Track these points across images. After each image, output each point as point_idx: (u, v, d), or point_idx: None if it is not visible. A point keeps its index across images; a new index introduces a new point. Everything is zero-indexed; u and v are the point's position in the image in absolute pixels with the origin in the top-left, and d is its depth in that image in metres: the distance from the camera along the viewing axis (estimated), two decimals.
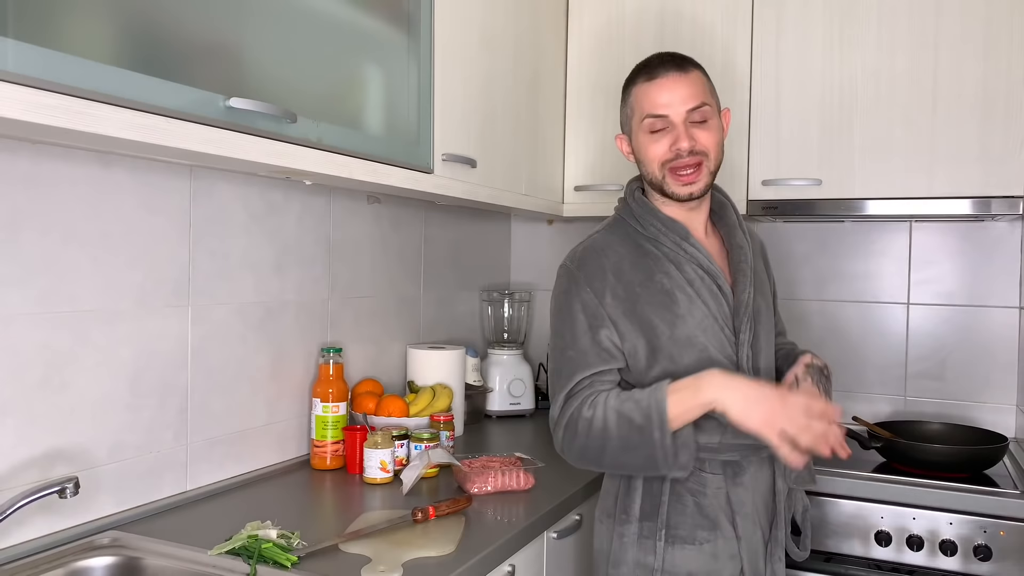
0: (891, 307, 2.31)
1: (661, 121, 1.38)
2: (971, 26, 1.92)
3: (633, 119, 1.43)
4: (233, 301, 1.63)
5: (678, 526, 1.37)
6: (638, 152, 1.44)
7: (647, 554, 1.37)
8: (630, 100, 1.44)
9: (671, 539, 1.37)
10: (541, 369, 2.68)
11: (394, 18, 1.55)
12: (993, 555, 1.63)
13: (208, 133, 1.14)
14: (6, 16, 0.88)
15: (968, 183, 1.92)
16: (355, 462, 1.72)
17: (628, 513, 1.40)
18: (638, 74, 1.43)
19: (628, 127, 1.46)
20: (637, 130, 1.42)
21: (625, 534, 1.40)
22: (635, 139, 1.44)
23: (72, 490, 1.16)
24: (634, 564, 1.38)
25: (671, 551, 1.36)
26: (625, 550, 1.39)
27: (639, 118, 1.41)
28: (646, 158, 1.42)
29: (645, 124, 1.40)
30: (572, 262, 1.43)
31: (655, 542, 1.37)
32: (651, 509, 1.38)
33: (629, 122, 1.45)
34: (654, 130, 1.39)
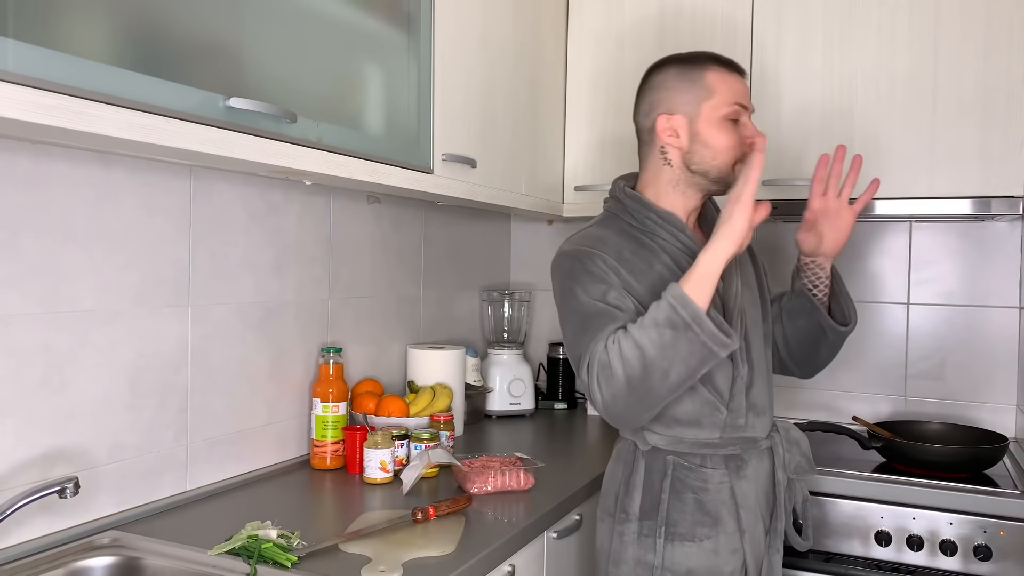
0: (891, 307, 2.31)
1: (744, 114, 1.39)
2: (971, 26, 1.92)
3: (707, 103, 1.38)
4: (233, 301, 1.63)
5: (678, 523, 1.37)
6: (709, 138, 1.38)
7: (647, 552, 1.38)
8: (707, 82, 1.39)
9: (671, 536, 1.37)
10: (541, 369, 2.68)
11: (394, 18, 1.55)
12: (993, 555, 1.63)
13: (208, 133, 1.14)
14: (6, 16, 0.88)
15: (968, 183, 1.92)
16: (355, 462, 1.72)
17: (628, 512, 1.41)
18: (708, 61, 1.40)
19: (693, 109, 1.39)
20: (708, 116, 1.38)
21: (625, 532, 1.40)
22: (704, 124, 1.38)
23: (72, 490, 1.16)
24: (634, 562, 1.39)
25: (671, 549, 1.37)
26: (625, 548, 1.40)
27: (720, 103, 1.38)
28: (719, 145, 1.38)
29: (728, 111, 1.38)
30: (571, 246, 1.40)
31: (655, 540, 1.38)
32: (651, 507, 1.39)
33: (698, 104, 1.38)
34: (733, 119, 1.38)
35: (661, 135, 1.42)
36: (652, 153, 1.46)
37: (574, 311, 1.34)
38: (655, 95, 1.44)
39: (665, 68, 1.45)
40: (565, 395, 2.58)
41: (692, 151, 1.40)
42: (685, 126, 1.40)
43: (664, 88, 1.43)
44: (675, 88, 1.41)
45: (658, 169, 1.45)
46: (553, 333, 2.78)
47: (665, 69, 1.45)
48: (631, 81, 2.28)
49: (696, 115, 1.39)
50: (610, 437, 2.15)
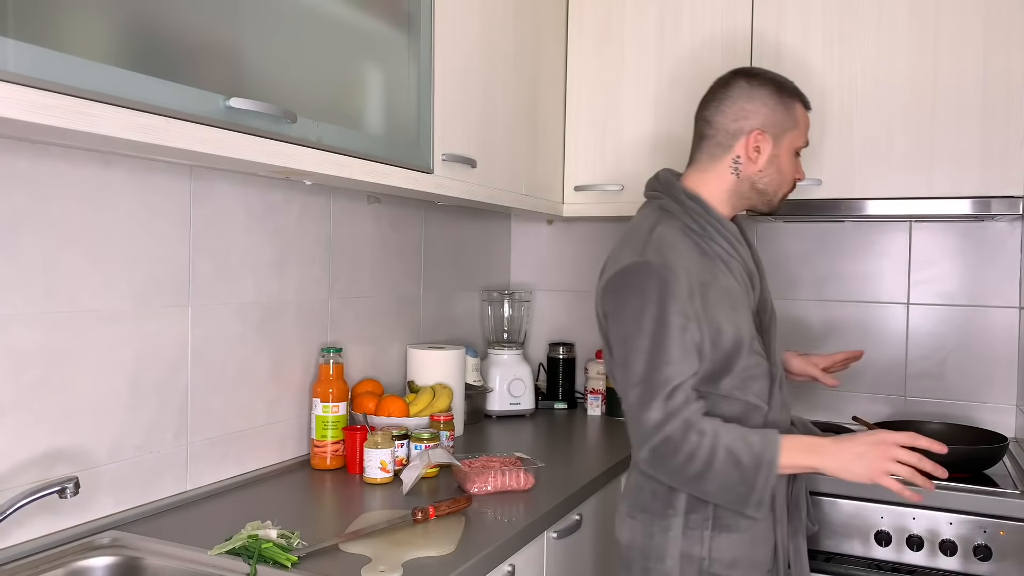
0: (891, 307, 2.31)
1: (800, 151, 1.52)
2: (971, 26, 1.92)
3: (790, 133, 1.47)
4: (233, 301, 1.63)
5: (723, 515, 1.39)
6: (784, 162, 1.47)
7: (693, 545, 1.39)
8: (796, 116, 1.47)
9: (717, 528, 1.39)
10: (541, 369, 2.68)
11: (394, 18, 1.55)
12: (993, 555, 1.63)
13: (208, 133, 1.14)
14: (6, 16, 0.88)
15: (968, 183, 1.92)
16: (355, 462, 1.72)
17: (673, 507, 1.40)
18: (798, 95, 1.49)
19: (779, 133, 1.45)
20: (788, 145, 1.47)
21: (671, 527, 1.40)
22: (785, 150, 1.47)
23: (72, 490, 1.16)
24: (680, 556, 1.39)
25: (717, 540, 1.38)
26: (670, 543, 1.40)
27: (799, 139, 1.48)
28: (786, 171, 1.48)
29: (798, 146, 1.49)
30: (654, 256, 1.35)
31: (702, 532, 1.39)
32: (696, 502, 1.39)
33: (783, 131, 1.46)
34: (798, 154, 1.51)
35: (745, 148, 1.45)
36: (721, 158, 1.47)
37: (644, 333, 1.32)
38: (751, 105, 1.45)
39: (764, 84, 1.47)
40: (565, 395, 2.58)
41: (766, 172, 1.46)
42: (770, 148, 1.45)
43: (763, 104, 1.45)
44: (772, 108, 1.45)
45: (721, 174, 1.47)
46: (553, 333, 2.78)
47: (764, 85, 1.46)
48: (631, 81, 2.29)
49: (781, 142, 1.46)
50: (610, 437, 2.15)
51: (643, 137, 2.28)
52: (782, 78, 1.49)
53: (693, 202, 1.44)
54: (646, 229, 1.41)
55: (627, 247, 1.40)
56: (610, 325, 1.38)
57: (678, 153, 2.23)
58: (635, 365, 1.32)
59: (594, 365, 2.53)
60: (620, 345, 1.35)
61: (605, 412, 2.46)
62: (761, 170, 1.45)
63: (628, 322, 1.34)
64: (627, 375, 1.33)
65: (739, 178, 1.46)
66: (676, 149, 2.24)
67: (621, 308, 1.36)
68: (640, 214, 1.49)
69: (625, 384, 1.34)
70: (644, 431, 1.31)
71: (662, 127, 2.25)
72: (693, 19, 2.21)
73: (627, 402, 1.34)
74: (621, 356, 1.35)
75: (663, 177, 1.50)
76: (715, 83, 1.52)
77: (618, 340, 1.36)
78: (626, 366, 1.34)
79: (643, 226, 1.42)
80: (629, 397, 1.33)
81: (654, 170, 2.26)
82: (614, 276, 1.37)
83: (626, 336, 1.34)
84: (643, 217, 1.47)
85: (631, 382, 1.33)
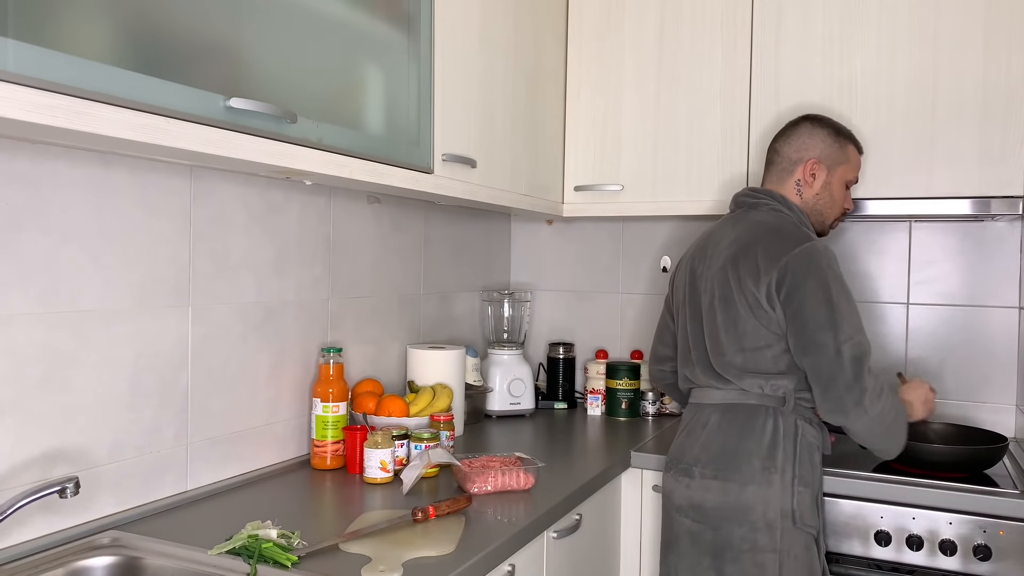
0: (891, 307, 2.31)
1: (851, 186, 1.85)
2: (971, 26, 1.92)
3: (841, 167, 1.79)
4: (233, 301, 1.63)
5: (804, 473, 1.63)
6: (835, 191, 1.80)
7: (788, 499, 1.61)
8: (847, 152, 1.80)
9: (802, 484, 1.63)
10: (541, 369, 2.68)
11: (394, 18, 1.55)
12: (993, 555, 1.63)
13: (208, 133, 1.14)
14: (6, 16, 0.88)
15: (968, 183, 1.92)
16: (355, 462, 1.72)
17: (775, 465, 1.63)
18: (852, 138, 1.82)
19: (832, 165, 1.79)
20: (841, 177, 1.80)
21: (773, 483, 1.62)
22: (836, 181, 1.80)
23: (72, 490, 1.16)
24: (779, 510, 1.61)
25: (802, 494, 1.62)
26: (772, 498, 1.61)
27: (847, 172, 1.81)
28: (839, 200, 1.82)
29: (849, 179, 1.82)
30: (821, 243, 1.65)
31: (792, 487, 1.62)
32: (787, 460, 1.63)
33: (835, 164, 1.79)
34: (847, 188, 1.83)
35: (803, 173, 1.78)
36: (787, 180, 1.80)
37: (848, 299, 1.61)
38: (811, 140, 1.79)
39: (824, 126, 1.80)
40: (565, 395, 2.58)
41: (821, 195, 1.79)
42: (824, 176, 1.78)
43: (821, 140, 1.79)
44: (829, 144, 1.79)
45: (790, 195, 1.80)
46: (553, 333, 2.78)
47: (824, 127, 1.80)
48: (631, 81, 2.29)
49: (835, 176, 1.79)
50: (610, 437, 2.15)
51: (643, 137, 2.28)
52: (841, 125, 1.81)
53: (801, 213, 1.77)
54: (795, 223, 1.72)
55: (787, 234, 1.66)
56: (802, 297, 1.59)
57: (678, 153, 2.23)
58: (847, 326, 1.57)
59: (594, 365, 2.53)
60: (824, 310, 1.58)
61: (605, 412, 2.46)
62: (817, 193, 1.78)
63: (823, 290, 1.59)
64: (841, 334, 1.57)
65: (802, 199, 1.78)
66: (676, 149, 2.24)
67: (815, 279, 1.59)
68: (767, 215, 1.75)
69: (840, 342, 1.57)
70: (872, 380, 1.57)
71: (662, 127, 2.25)
72: (693, 19, 2.21)
73: (849, 359, 1.56)
74: (827, 320, 1.57)
75: (778, 195, 1.79)
76: (788, 124, 1.85)
77: (819, 305, 1.58)
78: (836, 327, 1.57)
79: (790, 221, 1.72)
80: (854, 353, 1.56)
81: (654, 170, 2.26)
82: (796, 255, 1.61)
83: (829, 301, 1.58)
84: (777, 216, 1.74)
85: (848, 338, 1.57)
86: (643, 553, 1.97)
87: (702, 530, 1.65)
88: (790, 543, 1.60)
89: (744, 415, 1.67)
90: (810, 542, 1.62)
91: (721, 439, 1.67)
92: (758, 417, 1.66)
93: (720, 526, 1.63)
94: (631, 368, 2.42)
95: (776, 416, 1.65)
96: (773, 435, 1.64)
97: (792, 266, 1.60)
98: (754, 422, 1.65)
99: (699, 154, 2.21)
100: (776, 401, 1.66)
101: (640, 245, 2.64)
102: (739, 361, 1.67)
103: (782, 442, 1.63)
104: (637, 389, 2.42)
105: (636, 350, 2.58)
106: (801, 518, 1.61)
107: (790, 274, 1.60)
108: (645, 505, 1.96)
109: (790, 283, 1.60)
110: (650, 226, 2.61)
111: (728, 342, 1.68)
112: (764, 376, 1.65)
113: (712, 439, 1.68)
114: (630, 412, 2.41)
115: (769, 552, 1.59)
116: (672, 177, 2.23)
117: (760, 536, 1.60)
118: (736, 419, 1.67)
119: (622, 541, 1.99)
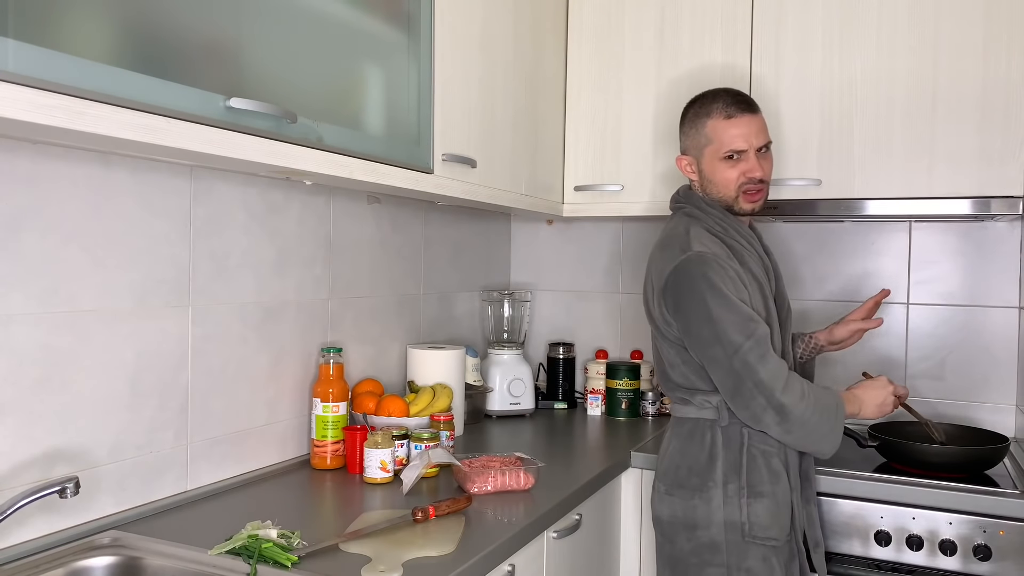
0: (891, 307, 2.31)
1: (738, 154, 1.65)
2: (971, 26, 1.92)
3: (707, 148, 1.68)
4: (233, 301, 1.63)
5: (756, 483, 1.58)
6: (711, 174, 1.68)
7: (733, 511, 1.57)
8: (705, 131, 1.68)
9: (752, 495, 1.57)
10: (541, 369, 2.68)
11: (394, 18, 1.55)
12: (993, 555, 1.63)
13: (208, 133, 1.14)
14: (6, 16, 0.88)
15: (968, 183, 1.92)
16: (355, 462, 1.72)
17: (713, 479, 1.59)
18: (712, 110, 1.67)
19: (699, 152, 1.70)
20: (712, 157, 1.67)
21: (712, 498, 1.58)
22: (707, 163, 1.68)
23: (72, 490, 1.16)
24: (723, 524, 1.57)
25: (753, 505, 1.57)
26: (713, 512, 1.58)
27: (717, 150, 1.66)
28: (722, 180, 1.66)
29: (723, 155, 1.66)
30: (698, 246, 1.57)
31: (739, 500, 1.57)
32: (732, 472, 1.59)
33: (701, 149, 1.69)
34: (730, 159, 1.65)
35: (681, 170, 1.75)
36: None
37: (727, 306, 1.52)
38: (680, 132, 1.75)
39: (685, 114, 1.74)
40: (565, 395, 2.58)
41: (707, 184, 1.70)
42: (694, 165, 1.71)
43: (683, 134, 1.74)
44: (686, 133, 1.73)
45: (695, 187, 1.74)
46: (553, 333, 2.78)
47: (684, 115, 1.74)
48: (631, 81, 2.29)
49: (705, 157, 1.69)
50: (610, 437, 2.15)
51: (643, 137, 2.28)
52: (703, 95, 1.71)
53: (715, 208, 1.68)
54: (682, 232, 1.64)
55: (669, 248, 1.62)
56: (685, 316, 1.56)
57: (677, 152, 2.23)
58: (731, 334, 1.50)
59: (593, 365, 2.53)
60: (707, 326, 1.52)
61: (605, 412, 2.46)
62: (702, 183, 1.71)
63: (700, 305, 1.53)
64: (728, 345, 1.50)
65: (704, 191, 1.71)
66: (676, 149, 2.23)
67: (690, 296, 1.54)
68: (670, 224, 1.71)
69: (730, 354, 1.51)
70: (773, 379, 1.49)
71: (662, 127, 2.25)
72: (693, 19, 2.21)
73: (741, 366, 1.50)
74: (712, 335, 1.52)
75: (685, 191, 1.74)
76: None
77: (701, 322, 1.53)
78: (722, 339, 1.51)
79: (678, 230, 1.65)
80: (744, 359, 1.49)
81: (654, 170, 2.26)
82: (671, 273, 1.57)
83: (708, 316, 1.52)
84: (674, 225, 1.69)
85: (737, 348, 1.50)
86: (643, 553, 1.97)
87: (662, 543, 1.68)
88: (740, 557, 1.57)
89: (686, 430, 1.66)
90: (768, 554, 1.57)
91: (670, 454, 1.68)
92: (696, 431, 1.64)
93: (674, 539, 1.64)
94: (631, 368, 2.42)
95: (714, 429, 1.62)
96: (711, 448, 1.61)
97: (671, 287, 1.58)
98: (693, 436, 1.64)
99: None
100: (712, 413, 1.62)
101: (640, 245, 2.64)
102: (672, 378, 1.67)
103: (721, 454, 1.60)
104: (637, 389, 2.43)
105: (636, 350, 2.58)
106: (751, 530, 1.56)
107: (670, 295, 1.58)
108: (645, 505, 1.96)
109: (673, 304, 1.58)
110: (650, 226, 2.61)
111: (657, 361, 1.72)
112: (693, 391, 1.64)
113: (664, 453, 1.71)
114: (630, 412, 2.41)
115: (717, 567, 1.58)
116: (672, 177, 2.23)
117: (704, 551, 1.59)
118: (681, 434, 1.67)
119: (622, 541, 1.99)
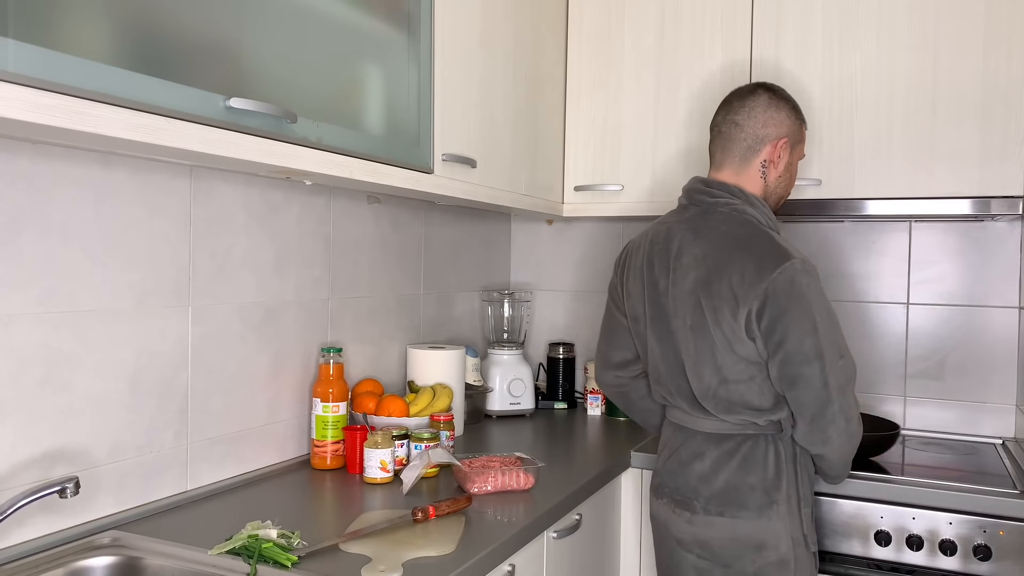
0: (891, 307, 2.31)
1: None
2: (971, 26, 1.92)
3: (800, 147, 1.70)
4: (233, 301, 1.63)
5: (807, 494, 1.59)
6: (792, 168, 1.68)
7: (796, 526, 1.56)
8: (803, 131, 1.71)
9: (806, 505, 1.58)
10: (541, 369, 2.68)
11: (394, 18, 1.55)
12: (993, 555, 1.63)
13: (208, 133, 1.14)
14: (6, 16, 0.88)
15: (968, 183, 1.92)
16: (355, 462, 1.72)
17: (780, 495, 1.55)
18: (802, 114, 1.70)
19: (796, 148, 1.68)
20: (798, 158, 1.71)
21: (782, 515, 1.54)
22: (795, 158, 1.69)
23: (72, 490, 1.16)
24: (791, 540, 1.55)
25: (807, 517, 1.58)
26: (783, 530, 1.54)
27: (801, 151, 1.72)
28: (793, 180, 1.71)
29: (801, 158, 1.73)
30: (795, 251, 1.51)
31: (800, 513, 1.56)
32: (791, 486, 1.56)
33: (797, 145, 1.69)
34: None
35: (771, 153, 1.63)
36: (752, 161, 1.64)
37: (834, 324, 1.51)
38: (778, 115, 1.63)
39: (786, 100, 1.66)
40: (565, 395, 2.58)
41: (783, 177, 1.67)
42: (787, 156, 1.66)
43: (787, 116, 1.65)
44: (794, 120, 1.66)
45: (754, 178, 1.65)
46: (553, 333, 2.78)
47: (785, 100, 1.66)
48: (631, 81, 2.29)
49: (794, 151, 1.68)
50: (610, 437, 2.15)
51: (643, 137, 2.28)
52: (795, 101, 1.70)
53: (763, 205, 1.62)
54: (760, 231, 1.54)
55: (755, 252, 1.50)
56: (785, 329, 1.47)
57: (678, 152, 2.23)
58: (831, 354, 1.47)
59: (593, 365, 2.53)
60: (809, 340, 1.46)
61: (605, 412, 2.46)
62: (780, 175, 1.66)
63: (805, 319, 1.46)
64: (827, 365, 1.46)
65: (765, 182, 1.64)
66: (676, 148, 2.24)
67: (797, 308, 1.46)
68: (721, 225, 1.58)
69: (826, 375, 1.46)
70: (853, 406, 1.51)
71: (662, 126, 2.25)
72: (693, 19, 2.21)
73: (834, 388, 1.47)
74: (814, 350, 1.46)
75: (743, 192, 1.61)
76: (739, 91, 1.68)
77: (803, 336, 1.46)
78: (823, 357, 1.46)
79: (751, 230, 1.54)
80: (838, 382, 1.47)
81: (654, 170, 2.26)
82: (773, 282, 1.47)
83: (813, 331, 1.46)
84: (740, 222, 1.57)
85: (829, 371, 1.46)
86: (643, 553, 1.97)
87: (710, 567, 1.57)
88: (802, 569, 1.55)
89: (744, 447, 1.57)
90: (814, 560, 1.59)
91: (722, 473, 1.57)
92: (758, 448, 1.56)
93: (731, 563, 1.55)
94: None
95: (776, 444, 1.56)
96: (776, 465, 1.55)
97: (772, 294, 1.46)
98: (755, 453, 1.56)
99: (699, 154, 2.21)
100: (773, 428, 1.56)
101: None
102: (724, 395, 1.55)
103: (785, 470, 1.55)
104: None
105: None
106: (810, 539, 1.57)
107: (770, 304, 1.46)
108: (645, 505, 1.96)
109: (771, 313, 1.46)
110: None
111: (708, 375, 1.55)
112: (755, 411, 1.54)
113: (712, 472, 1.58)
114: None
115: None
116: (672, 177, 2.23)
117: (772, 570, 1.54)
118: (736, 451, 1.57)
119: (622, 541, 1.99)
